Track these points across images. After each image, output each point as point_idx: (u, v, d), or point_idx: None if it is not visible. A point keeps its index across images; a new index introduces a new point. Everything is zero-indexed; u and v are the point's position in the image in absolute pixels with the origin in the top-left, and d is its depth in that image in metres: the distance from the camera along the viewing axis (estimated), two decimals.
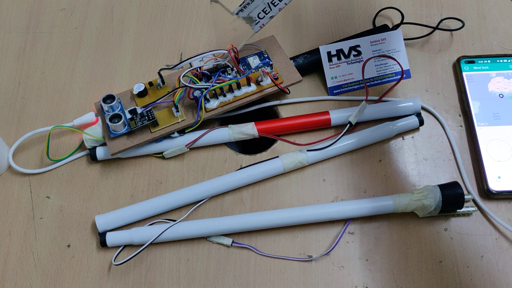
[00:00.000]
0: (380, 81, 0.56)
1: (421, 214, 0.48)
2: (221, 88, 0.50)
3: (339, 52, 0.55)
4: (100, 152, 0.51)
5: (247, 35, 0.46)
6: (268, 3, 0.44)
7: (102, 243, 0.47)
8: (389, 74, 0.56)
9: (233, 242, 0.47)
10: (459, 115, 0.54)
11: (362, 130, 0.52)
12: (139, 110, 0.50)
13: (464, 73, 0.55)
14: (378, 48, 0.55)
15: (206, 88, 0.49)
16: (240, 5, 0.45)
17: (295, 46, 0.58)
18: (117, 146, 0.49)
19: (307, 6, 0.61)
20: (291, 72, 0.53)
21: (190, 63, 0.51)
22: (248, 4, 0.44)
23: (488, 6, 0.60)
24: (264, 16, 0.45)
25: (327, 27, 0.59)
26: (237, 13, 0.45)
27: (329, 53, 0.55)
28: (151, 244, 0.46)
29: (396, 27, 0.58)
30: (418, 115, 0.53)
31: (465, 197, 0.48)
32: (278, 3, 0.44)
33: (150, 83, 0.52)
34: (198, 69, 0.50)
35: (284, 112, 0.54)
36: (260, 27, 0.46)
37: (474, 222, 0.48)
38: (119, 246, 0.47)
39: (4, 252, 0.48)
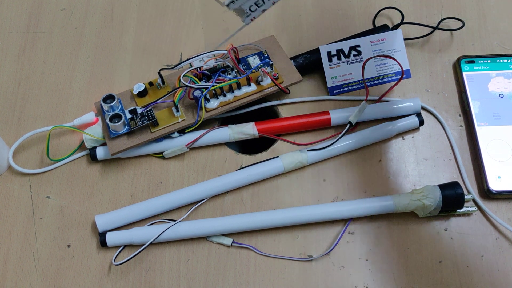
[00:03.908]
0: (380, 81, 0.56)
1: (421, 214, 0.47)
2: (221, 88, 0.50)
3: (339, 52, 0.55)
4: (100, 152, 0.51)
5: (236, 27, 0.45)
6: None
7: (102, 243, 0.47)
8: (389, 74, 0.56)
9: (233, 242, 0.47)
10: (459, 115, 0.54)
11: (362, 130, 0.52)
12: (139, 110, 0.50)
13: (464, 73, 0.55)
14: (378, 48, 0.55)
15: (206, 88, 0.49)
16: None
17: (295, 46, 0.58)
18: (117, 146, 0.49)
19: (307, 6, 0.61)
20: (291, 72, 0.53)
21: (190, 63, 0.51)
22: None
23: (488, 6, 0.60)
24: (256, 9, 0.44)
25: (327, 27, 0.59)
26: (227, 5, 0.44)
27: (329, 53, 0.55)
28: (151, 244, 0.46)
29: (396, 27, 0.58)
30: (418, 115, 0.53)
31: (465, 197, 0.47)
32: None
33: (150, 83, 0.52)
34: (198, 69, 0.50)
35: (284, 112, 0.54)
36: (251, 19, 0.44)
37: (474, 222, 0.48)
38: (119, 246, 0.47)
39: (4, 252, 0.48)
